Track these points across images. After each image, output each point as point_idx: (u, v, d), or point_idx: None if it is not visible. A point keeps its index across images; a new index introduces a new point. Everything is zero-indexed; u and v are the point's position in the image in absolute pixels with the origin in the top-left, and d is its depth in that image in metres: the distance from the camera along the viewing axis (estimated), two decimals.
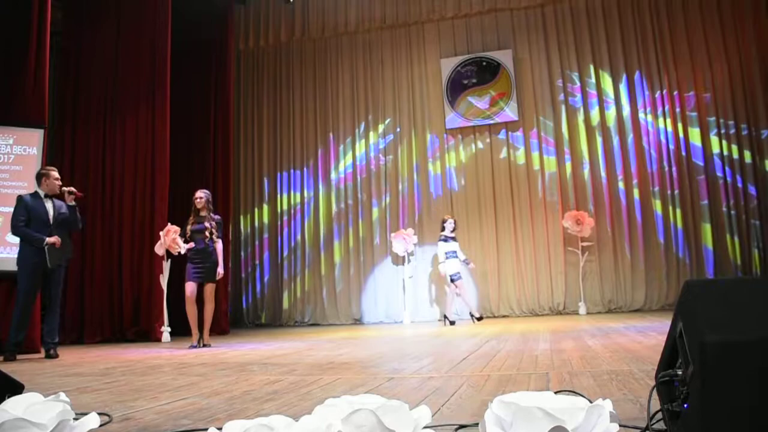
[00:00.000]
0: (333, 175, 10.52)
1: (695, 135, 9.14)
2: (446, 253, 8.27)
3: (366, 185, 10.36)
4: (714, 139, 9.06)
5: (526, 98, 9.88)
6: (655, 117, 9.33)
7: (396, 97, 10.43)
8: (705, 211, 8.98)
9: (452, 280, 8.21)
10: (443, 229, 8.40)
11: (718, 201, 8.94)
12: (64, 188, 5.61)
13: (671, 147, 9.20)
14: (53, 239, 5.45)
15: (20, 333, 5.44)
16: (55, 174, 5.66)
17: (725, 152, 8.98)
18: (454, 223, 8.51)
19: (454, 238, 8.38)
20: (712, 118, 9.09)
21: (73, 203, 5.64)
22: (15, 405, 1.63)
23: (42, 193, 5.59)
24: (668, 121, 9.26)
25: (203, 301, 6.23)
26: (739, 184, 8.87)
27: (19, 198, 5.57)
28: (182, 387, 3.00)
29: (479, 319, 8.14)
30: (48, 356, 5.38)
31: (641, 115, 9.39)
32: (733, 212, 8.84)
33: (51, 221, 5.52)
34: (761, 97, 8.83)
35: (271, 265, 10.59)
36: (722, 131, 9.02)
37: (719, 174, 8.97)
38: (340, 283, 10.21)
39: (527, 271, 9.47)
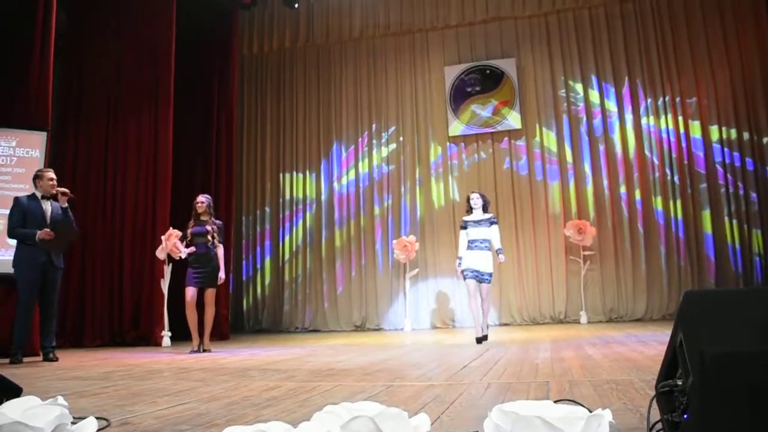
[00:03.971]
0: (335, 182, 10.51)
1: (697, 143, 9.13)
2: (469, 243, 5.92)
3: (368, 192, 10.35)
4: (716, 147, 9.05)
5: (529, 107, 9.88)
6: (658, 125, 9.32)
7: (399, 105, 10.43)
8: (707, 220, 8.96)
9: (466, 278, 5.89)
10: (468, 210, 6.12)
11: (720, 209, 8.91)
12: (58, 188, 5.61)
13: (673, 155, 9.18)
14: (43, 233, 5.39)
15: (24, 337, 5.44)
16: (49, 175, 5.66)
17: (727, 160, 8.95)
18: (483, 198, 6.07)
19: (487, 222, 5.94)
20: (714, 126, 9.08)
21: (66, 205, 5.63)
22: (13, 408, 1.62)
23: (39, 194, 5.60)
24: (670, 129, 9.25)
25: (204, 306, 6.24)
26: (741, 192, 8.84)
27: (15, 199, 5.58)
28: (181, 392, 2.99)
29: (482, 338, 5.88)
30: (47, 360, 5.38)
31: (644, 124, 9.39)
32: (734, 220, 8.82)
33: (48, 221, 5.51)
34: (763, 104, 8.81)
35: (272, 270, 10.58)
36: (724, 138, 9.01)
37: (721, 182, 8.95)
38: (341, 289, 10.19)
39: (529, 280, 9.44)
